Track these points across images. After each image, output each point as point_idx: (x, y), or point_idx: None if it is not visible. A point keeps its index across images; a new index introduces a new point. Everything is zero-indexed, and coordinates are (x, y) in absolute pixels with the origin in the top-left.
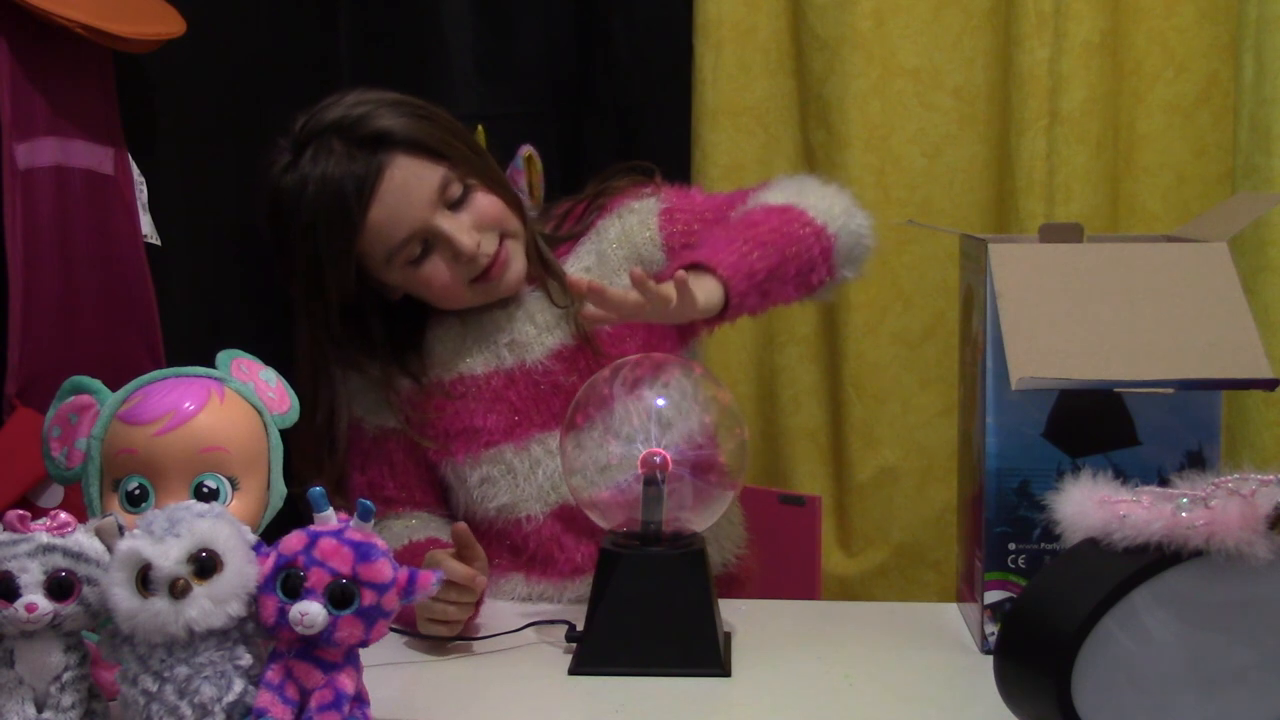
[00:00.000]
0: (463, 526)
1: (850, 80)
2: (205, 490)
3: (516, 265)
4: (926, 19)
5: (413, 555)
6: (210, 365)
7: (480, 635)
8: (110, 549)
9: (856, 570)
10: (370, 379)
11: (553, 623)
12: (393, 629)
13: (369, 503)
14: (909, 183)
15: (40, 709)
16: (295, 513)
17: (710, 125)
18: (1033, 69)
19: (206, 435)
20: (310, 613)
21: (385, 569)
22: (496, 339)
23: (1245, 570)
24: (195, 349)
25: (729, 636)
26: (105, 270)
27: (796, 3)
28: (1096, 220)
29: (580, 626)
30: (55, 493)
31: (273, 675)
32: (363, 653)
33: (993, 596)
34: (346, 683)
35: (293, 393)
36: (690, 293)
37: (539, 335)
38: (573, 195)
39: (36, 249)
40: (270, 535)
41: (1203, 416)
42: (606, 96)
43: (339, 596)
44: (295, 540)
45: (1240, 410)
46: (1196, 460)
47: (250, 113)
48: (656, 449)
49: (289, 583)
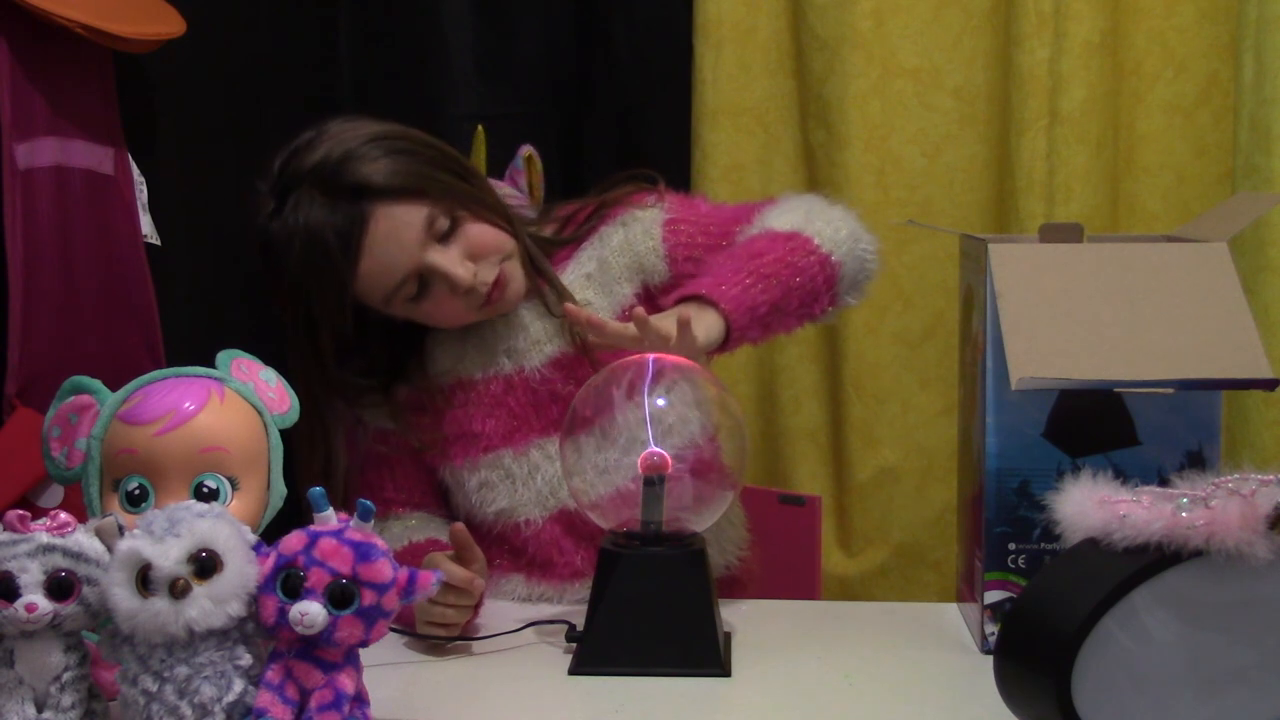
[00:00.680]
0: (460, 527)
1: (850, 80)
2: (205, 490)
3: (516, 284)
4: (926, 19)
5: (412, 556)
6: (210, 365)
7: (480, 635)
8: (110, 549)
9: (856, 570)
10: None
11: (553, 623)
12: (392, 629)
13: (369, 503)
14: (909, 183)
15: (40, 709)
16: (296, 513)
17: (710, 125)
18: (1033, 69)
19: (206, 435)
20: (310, 613)
21: (385, 569)
22: (495, 345)
23: (1245, 570)
24: (195, 349)
25: (729, 636)
26: (105, 270)
27: (796, 3)
28: (1096, 220)
29: (580, 626)
30: (55, 493)
31: (273, 675)
32: (363, 653)
33: (993, 596)
34: (346, 683)
35: (293, 393)
36: (690, 333)
37: (538, 343)
38: (574, 197)
39: (36, 249)
40: (270, 535)
41: (1203, 416)
42: (606, 96)
43: (339, 596)
44: (295, 540)
45: (1240, 410)
46: (1196, 460)
47: (250, 113)
48: (656, 449)
49: (289, 583)
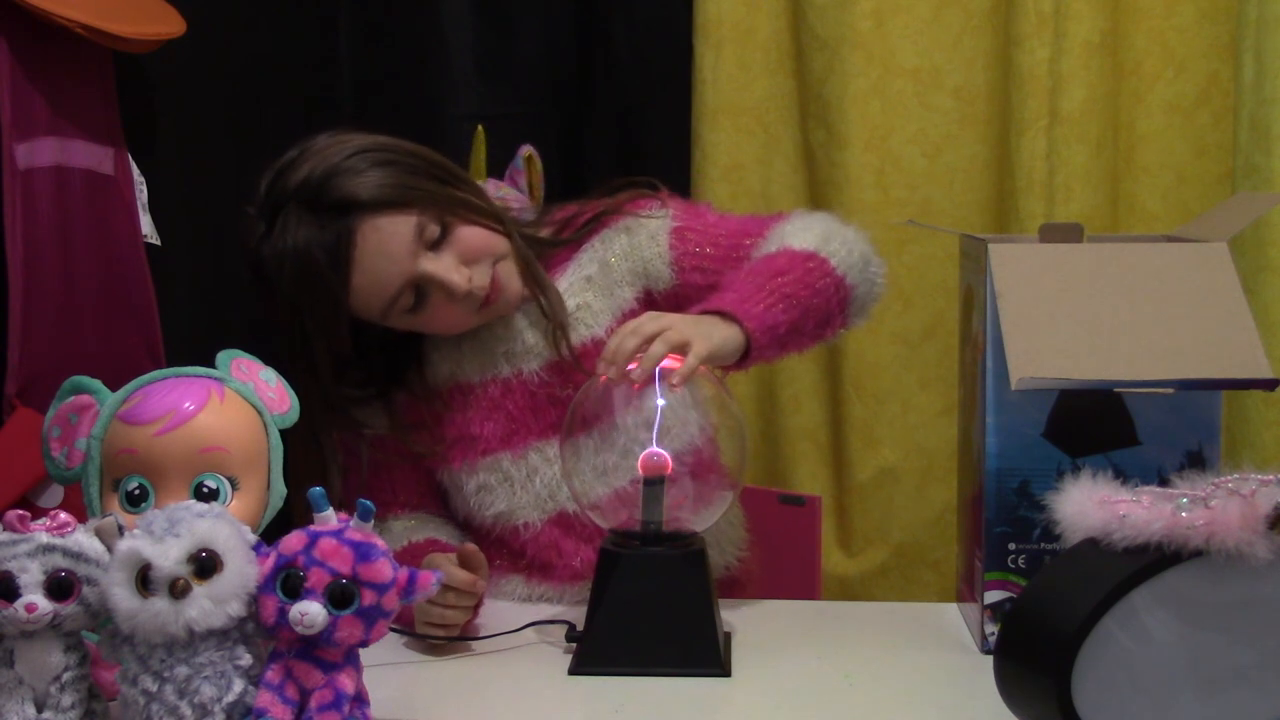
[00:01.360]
0: (473, 548)
1: (850, 80)
2: (205, 490)
3: (512, 286)
4: (926, 19)
5: (412, 556)
6: (210, 365)
7: (480, 635)
8: (110, 549)
9: (856, 570)
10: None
11: (553, 623)
12: (392, 629)
13: (369, 503)
14: (909, 183)
15: (40, 709)
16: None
17: (710, 125)
18: (1033, 69)
19: (206, 435)
20: (310, 613)
21: (385, 569)
22: (493, 348)
23: (1245, 570)
24: (195, 349)
25: (729, 636)
26: (105, 270)
27: (796, 3)
28: (1096, 220)
29: (580, 626)
30: (55, 493)
31: (273, 675)
32: (363, 653)
33: (993, 596)
34: (346, 683)
35: (293, 392)
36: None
37: (535, 346)
38: (573, 199)
39: (36, 249)
40: (270, 535)
41: (1203, 416)
42: (606, 96)
43: (339, 596)
44: (295, 540)
45: (1240, 410)
46: (1196, 460)
47: (250, 113)
48: (656, 449)
49: (289, 583)
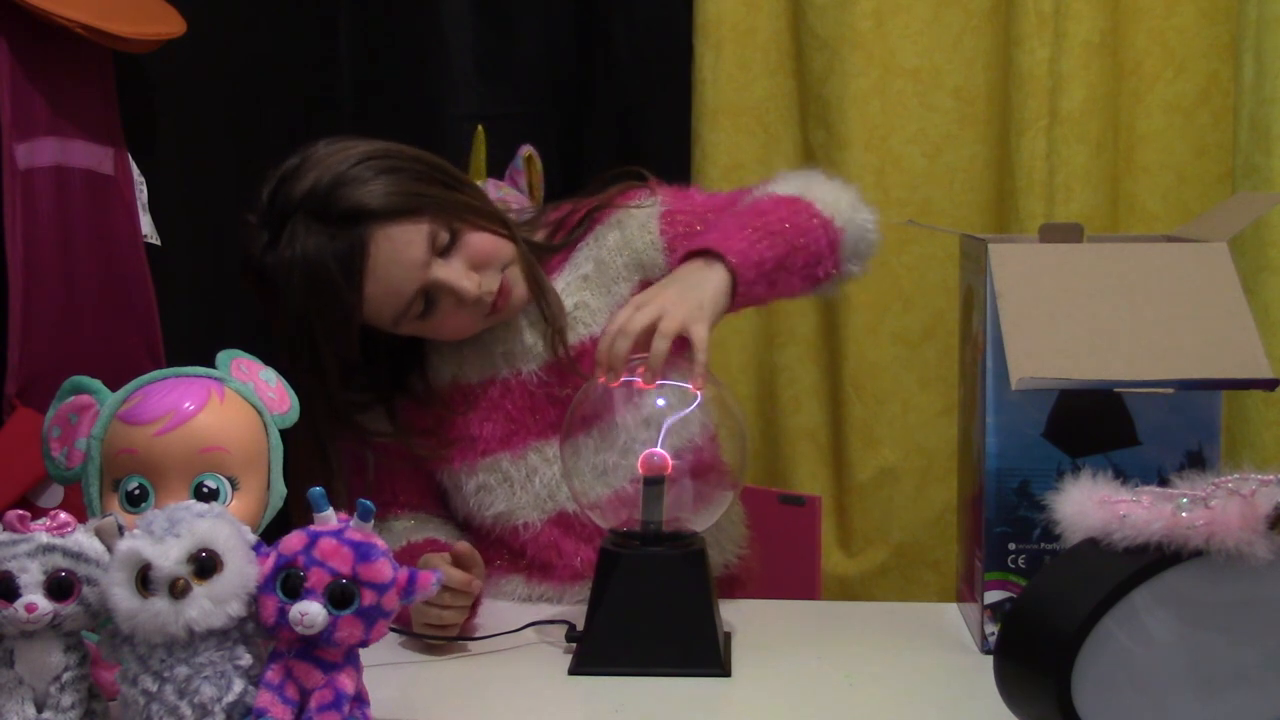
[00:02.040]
0: (466, 547)
1: (850, 80)
2: (205, 490)
3: (519, 290)
4: (926, 19)
5: (411, 556)
6: (210, 365)
7: (480, 635)
8: (110, 549)
9: (856, 570)
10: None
11: (553, 623)
12: (392, 629)
13: (369, 503)
14: (909, 183)
15: (40, 709)
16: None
17: (710, 125)
18: (1033, 69)
19: (206, 435)
20: (310, 613)
21: (385, 569)
22: (493, 349)
23: (1245, 570)
24: (195, 349)
25: (729, 636)
26: (105, 270)
27: (796, 3)
28: (1096, 220)
29: (580, 626)
30: (55, 493)
31: (273, 675)
32: (363, 653)
33: (993, 596)
34: (346, 683)
35: (293, 393)
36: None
37: (534, 346)
38: (566, 198)
39: (36, 249)
40: (270, 535)
41: (1203, 416)
42: (606, 96)
43: (339, 596)
44: (295, 540)
45: (1240, 410)
46: (1196, 460)
47: (250, 113)
48: (656, 449)
49: (289, 583)
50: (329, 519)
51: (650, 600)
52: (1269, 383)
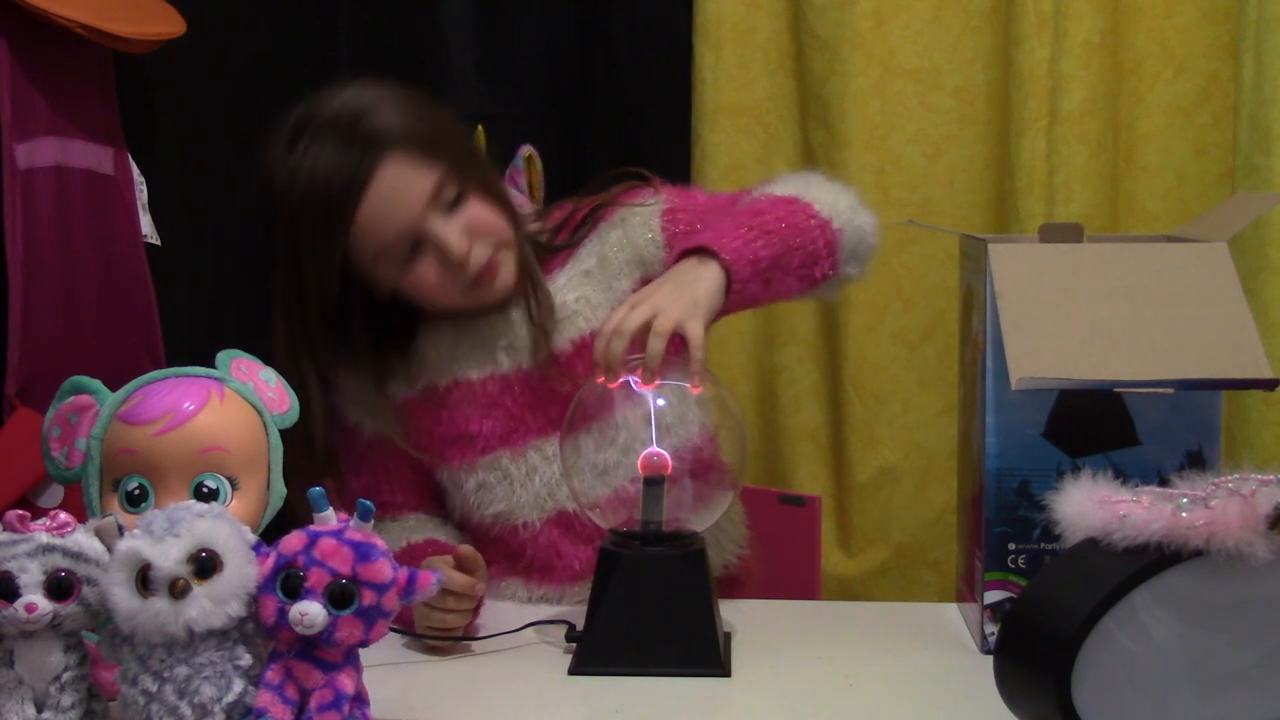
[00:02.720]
0: (469, 550)
1: (850, 80)
2: (205, 490)
3: (505, 275)
4: (926, 19)
5: (411, 556)
6: (210, 365)
7: (480, 636)
8: (110, 549)
9: (856, 570)
10: (364, 384)
11: (553, 623)
12: (392, 629)
13: (369, 503)
14: (909, 183)
15: (40, 709)
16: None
17: (710, 125)
18: (1033, 69)
19: (206, 435)
20: (310, 613)
21: (385, 569)
22: (493, 343)
23: (1245, 570)
24: (195, 349)
25: (729, 636)
26: (105, 270)
27: (796, 3)
28: (1096, 220)
29: (580, 626)
30: (55, 493)
31: (273, 675)
32: (363, 653)
33: (993, 596)
34: (346, 683)
35: (293, 393)
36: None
37: (535, 341)
38: (569, 198)
39: (36, 249)
40: (270, 535)
41: (1203, 416)
42: (606, 96)
43: (339, 596)
44: (295, 540)
45: (1240, 410)
46: (1196, 460)
47: (250, 113)
48: (656, 449)
49: (289, 583)
50: (329, 519)
51: (650, 600)
52: (1269, 383)
